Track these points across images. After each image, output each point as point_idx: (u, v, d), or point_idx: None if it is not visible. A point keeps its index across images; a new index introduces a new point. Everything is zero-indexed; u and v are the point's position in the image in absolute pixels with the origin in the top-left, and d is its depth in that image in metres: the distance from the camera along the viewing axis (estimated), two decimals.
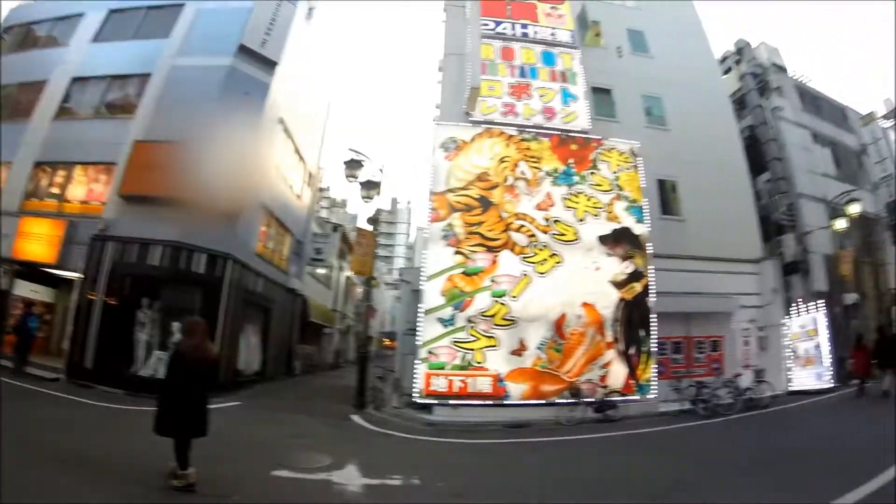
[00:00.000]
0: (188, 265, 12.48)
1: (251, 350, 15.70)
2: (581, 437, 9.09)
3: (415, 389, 10.77)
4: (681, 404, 11.57)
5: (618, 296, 12.22)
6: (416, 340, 11.22)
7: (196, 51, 14.44)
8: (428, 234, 11.94)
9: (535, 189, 12.38)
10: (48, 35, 16.76)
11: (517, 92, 13.77)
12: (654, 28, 17.40)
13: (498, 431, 9.70)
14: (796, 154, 18.22)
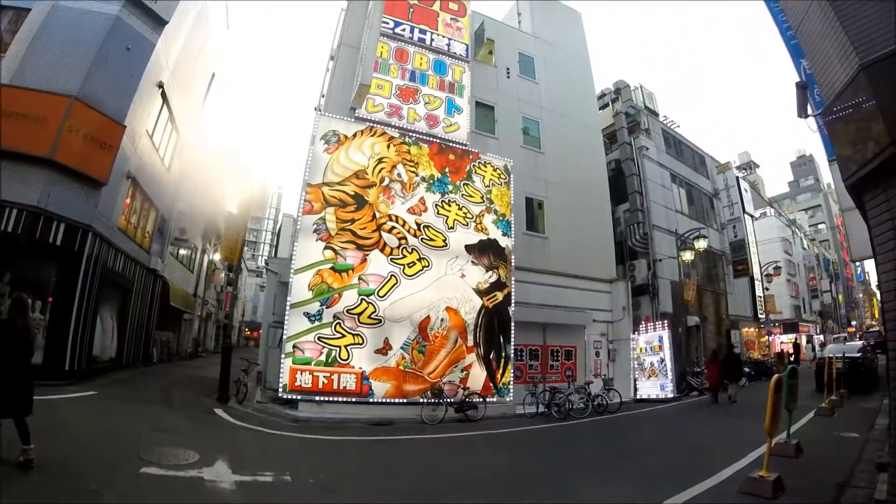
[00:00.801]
0: (45, 234, 11.05)
1: (107, 334, 14.47)
2: (444, 436, 9.39)
3: (280, 384, 10.55)
4: (536, 407, 12.31)
5: (480, 303, 12.79)
6: (282, 334, 11.03)
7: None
8: (299, 226, 11.71)
9: (410, 193, 12.62)
10: None
11: (405, 95, 13.94)
12: (545, 56, 18.54)
13: (362, 429, 9.78)
14: (655, 190, 20.32)
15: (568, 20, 20.35)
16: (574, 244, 16.16)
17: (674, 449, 8.51)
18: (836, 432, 8.48)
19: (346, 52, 14.54)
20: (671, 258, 19.61)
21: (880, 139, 5.98)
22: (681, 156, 23.96)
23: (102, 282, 13.12)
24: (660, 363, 16.18)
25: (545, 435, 10.08)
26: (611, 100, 22.54)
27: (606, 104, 22.57)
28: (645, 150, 20.36)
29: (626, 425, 11.67)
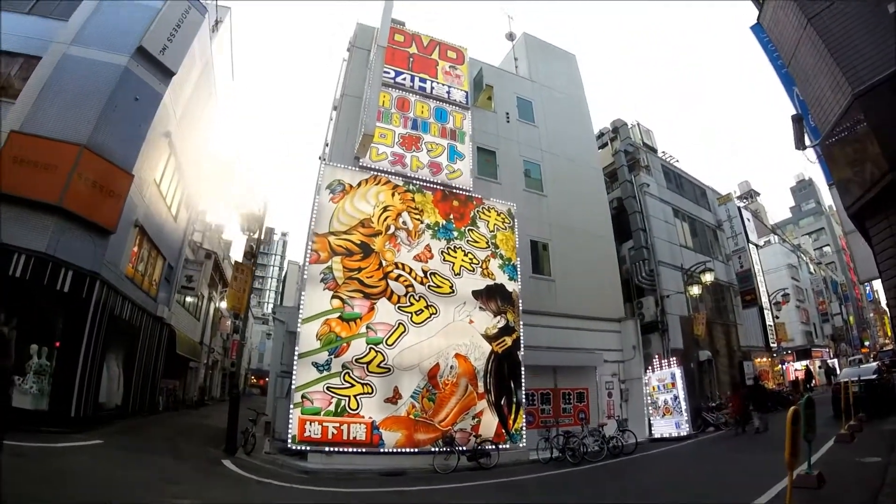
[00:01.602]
0: (53, 281, 11.03)
1: (113, 382, 14.33)
2: (457, 486, 9.16)
3: (288, 435, 10.35)
4: (550, 452, 12.03)
5: (490, 348, 12.64)
6: (290, 383, 10.87)
7: (93, 42, 13.23)
8: (306, 276, 11.70)
9: (416, 240, 12.66)
10: None
11: (407, 143, 14.17)
12: (542, 99, 18.93)
13: (374, 480, 9.56)
14: (658, 226, 20.34)
15: (563, 63, 20.91)
16: (581, 285, 16.09)
17: (694, 488, 8.27)
18: (858, 458, 8.28)
19: (349, 101, 14.89)
20: (679, 293, 19.44)
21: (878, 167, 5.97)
22: (682, 190, 24.11)
23: (109, 329, 13.05)
24: (673, 400, 15.85)
25: (561, 481, 9.78)
26: (609, 139, 22.90)
27: (605, 143, 22.91)
28: (646, 186, 20.50)
29: (643, 467, 11.35)
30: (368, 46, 15.80)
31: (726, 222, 25.91)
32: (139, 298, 15.59)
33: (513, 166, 16.78)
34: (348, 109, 14.69)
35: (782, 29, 8.42)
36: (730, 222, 25.94)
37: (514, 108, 17.95)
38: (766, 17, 9.20)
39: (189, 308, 23.09)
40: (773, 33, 9.30)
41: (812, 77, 7.52)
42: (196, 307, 24.51)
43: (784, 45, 8.58)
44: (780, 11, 8.21)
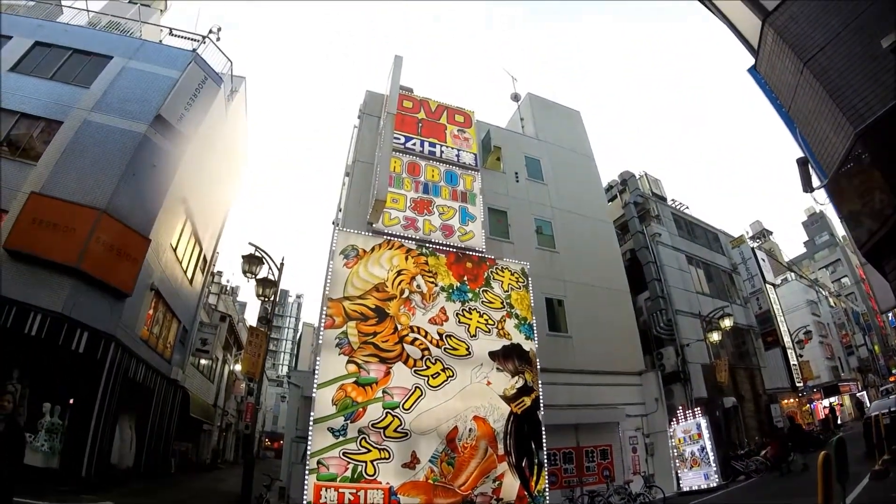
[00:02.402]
0: (69, 341, 11.18)
1: (126, 443, 14.28)
2: None
3: (304, 501, 10.08)
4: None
5: (509, 409, 12.42)
6: (306, 449, 10.70)
7: (113, 109, 13.90)
8: (321, 341, 11.72)
9: (430, 303, 12.71)
10: None
11: (419, 207, 14.45)
12: (550, 157, 19.31)
13: None
14: (673, 275, 20.26)
15: (568, 120, 21.46)
16: (598, 340, 15.93)
17: None
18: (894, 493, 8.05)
19: (361, 167, 15.29)
20: (699, 341, 19.12)
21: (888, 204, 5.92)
22: (694, 236, 24.12)
23: (123, 390, 13.07)
24: (701, 451, 15.30)
25: None
26: (618, 191, 23.15)
27: (615, 196, 23.16)
28: (658, 236, 20.55)
29: None
30: (378, 113, 16.37)
31: (741, 264, 25.71)
32: (153, 360, 15.70)
33: (524, 225, 16.96)
34: (360, 175, 15.08)
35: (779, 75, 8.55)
36: (745, 264, 25.74)
37: (523, 168, 18.31)
38: (762, 64, 9.34)
39: (203, 370, 23.12)
40: (770, 79, 9.44)
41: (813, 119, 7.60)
42: (210, 369, 24.52)
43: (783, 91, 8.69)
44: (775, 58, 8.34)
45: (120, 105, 14.08)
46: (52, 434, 10.69)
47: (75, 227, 11.61)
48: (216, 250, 22.15)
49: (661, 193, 24.10)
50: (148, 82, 14.80)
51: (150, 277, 14.62)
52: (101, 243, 11.85)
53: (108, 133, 13.47)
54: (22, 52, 14.97)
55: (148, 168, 13.73)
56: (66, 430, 10.97)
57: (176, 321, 17.93)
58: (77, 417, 11.21)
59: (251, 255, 13.29)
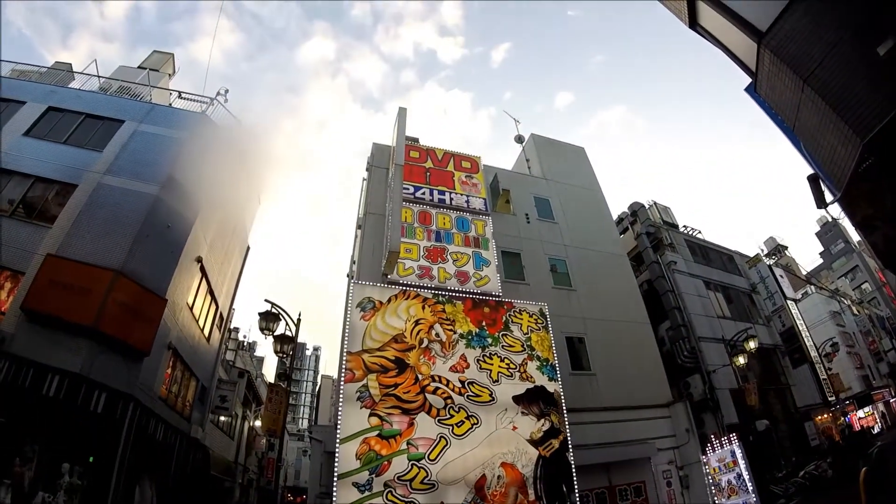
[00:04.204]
0: (87, 401, 11.18)
1: (146, 502, 14.14)
2: None
3: None
4: None
5: (537, 453, 12.21)
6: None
7: (125, 172, 14.20)
8: (342, 395, 11.64)
9: (450, 352, 12.70)
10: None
11: (433, 255, 14.59)
12: (559, 196, 19.50)
13: None
14: (692, 301, 20.08)
15: (573, 157, 21.77)
16: (623, 375, 15.71)
17: None
18: None
19: (373, 219, 15.52)
20: (725, 366, 18.79)
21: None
22: (709, 260, 23.97)
23: (142, 449, 12.95)
24: (737, 479, 14.73)
25: None
26: (629, 223, 23.22)
27: (626, 228, 23.24)
28: (673, 264, 20.47)
29: None
30: (386, 164, 16.70)
31: (760, 283, 25.45)
32: (173, 419, 15.62)
33: (538, 265, 16.99)
34: (372, 227, 15.30)
35: (780, 95, 8.51)
36: (763, 283, 25.48)
37: (533, 209, 18.49)
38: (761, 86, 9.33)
39: (223, 427, 22.96)
40: (771, 100, 9.43)
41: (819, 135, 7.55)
42: (230, 426, 24.32)
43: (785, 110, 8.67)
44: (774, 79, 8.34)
45: (132, 167, 14.42)
46: (72, 494, 10.57)
47: (91, 288, 11.75)
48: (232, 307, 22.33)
49: (671, 221, 24.12)
50: (159, 144, 15.21)
51: (168, 336, 14.72)
52: (117, 304, 11.97)
53: (122, 195, 13.77)
54: (35, 116, 15.43)
55: (162, 229, 13.97)
56: (86, 490, 10.89)
57: (194, 379, 17.95)
58: (96, 477, 11.11)
59: (268, 312, 13.34)
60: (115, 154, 14.70)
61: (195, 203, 15.42)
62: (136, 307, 12.48)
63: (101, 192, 13.74)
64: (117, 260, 12.52)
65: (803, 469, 17.77)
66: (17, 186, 13.87)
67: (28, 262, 12.30)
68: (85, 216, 13.19)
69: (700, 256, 23.40)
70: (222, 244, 18.93)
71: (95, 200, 13.53)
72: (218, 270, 18.78)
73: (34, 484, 10.39)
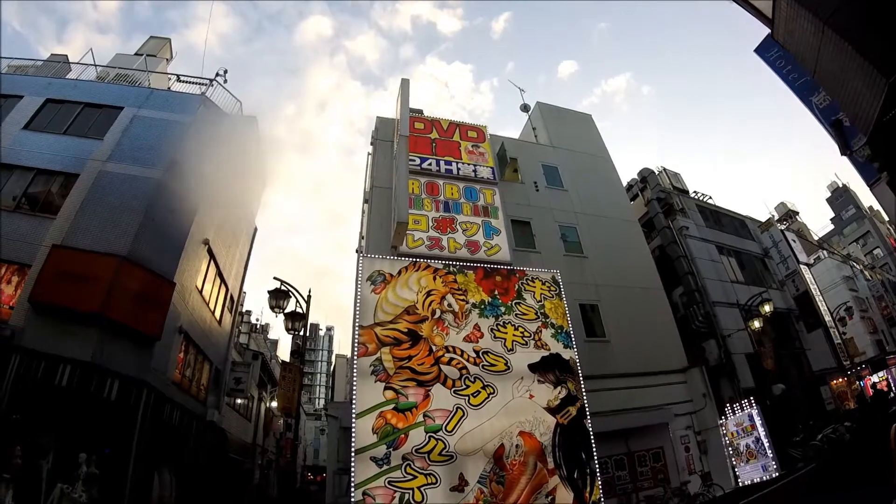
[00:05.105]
0: (100, 390, 11.25)
1: (165, 487, 14.25)
2: None
3: None
4: None
5: (554, 421, 12.09)
6: (349, 481, 10.49)
7: (127, 158, 14.12)
8: (356, 370, 11.48)
9: (463, 322, 12.53)
10: None
11: (442, 226, 14.42)
12: (567, 163, 19.22)
13: None
14: (705, 266, 19.83)
15: (580, 124, 21.45)
16: (637, 341, 15.58)
17: None
18: None
19: (379, 192, 15.33)
20: (740, 331, 18.61)
21: None
22: (721, 225, 23.67)
23: (159, 435, 13.02)
24: (756, 443, 14.68)
25: None
26: (639, 189, 22.88)
27: (636, 195, 22.89)
28: (685, 229, 20.20)
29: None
30: (391, 138, 16.47)
31: (772, 248, 25.11)
32: (188, 403, 15.66)
33: (549, 233, 16.82)
34: (379, 200, 15.13)
35: (799, 39, 8.20)
36: (776, 247, 25.13)
37: (542, 177, 18.27)
38: (779, 32, 9.00)
39: (239, 410, 23.13)
40: (790, 46, 9.10)
41: (842, 78, 7.28)
42: (247, 408, 24.53)
43: (805, 56, 8.37)
44: (792, 23, 8.02)
45: (134, 153, 14.34)
46: (90, 484, 10.59)
47: (98, 276, 11.71)
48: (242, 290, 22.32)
49: (682, 187, 23.76)
50: (159, 129, 15.10)
51: (178, 320, 14.67)
52: (125, 290, 11.93)
53: (125, 181, 13.70)
54: (34, 110, 15.35)
55: (167, 213, 13.85)
56: (104, 479, 10.94)
57: (208, 363, 17.99)
58: (114, 466, 11.12)
59: (277, 290, 13.23)
60: (115, 141, 14.59)
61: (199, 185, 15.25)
62: (145, 292, 12.44)
63: (103, 179, 13.65)
64: (123, 246, 12.46)
65: (821, 433, 17.66)
66: (18, 180, 13.82)
67: (34, 254, 12.29)
68: (88, 205, 13.13)
69: (712, 221, 23.09)
70: (229, 226, 18.82)
71: (98, 188, 13.45)
72: (226, 253, 18.70)
73: (52, 476, 10.31)
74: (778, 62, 11.01)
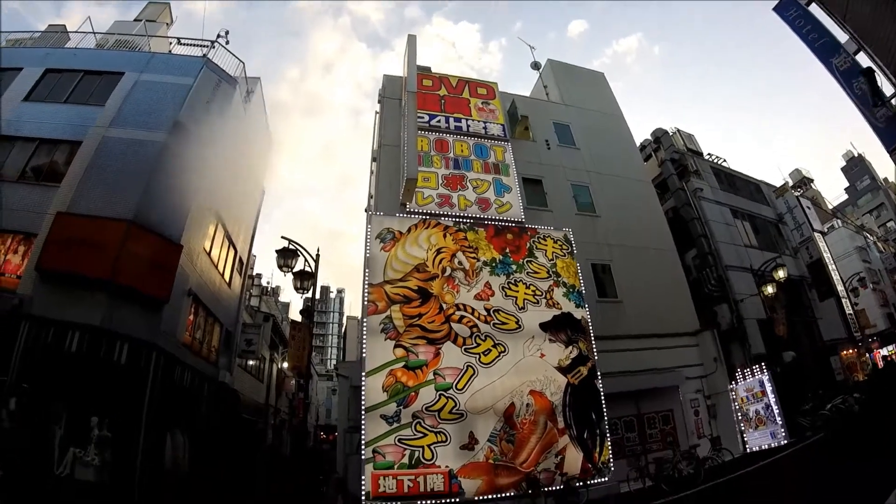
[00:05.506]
0: (110, 354, 11.29)
1: (178, 449, 14.40)
2: None
3: (362, 491, 9.92)
4: (643, 483, 11.41)
5: (565, 381, 12.03)
6: (360, 439, 10.55)
7: (130, 123, 13.98)
8: (366, 327, 11.39)
9: (474, 280, 12.36)
10: None
11: (452, 183, 14.11)
12: (579, 122, 18.75)
13: None
14: (719, 229, 19.47)
15: (593, 82, 20.88)
16: (649, 303, 15.36)
17: None
18: None
19: (388, 151, 15.04)
20: (753, 296, 18.35)
21: None
22: (736, 189, 23.17)
23: (170, 396, 13.09)
24: (766, 409, 14.57)
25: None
26: (653, 150, 22.38)
27: (649, 155, 22.38)
28: (699, 191, 19.77)
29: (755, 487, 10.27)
30: (398, 96, 16.07)
31: (787, 214, 24.62)
32: (199, 365, 15.75)
33: (561, 192, 16.51)
34: (388, 158, 14.83)
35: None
36: (791, 213, 24.65)
37: (553, 135, 17.84)
38: None
39: (251, 371, 23.35)
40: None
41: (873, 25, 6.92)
42: (259, 369, 24.76)
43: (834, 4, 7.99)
44: None
45: (137, 118, 14.17)
46: (103, 447, 10.66)
47: (105, 242, 11.68)
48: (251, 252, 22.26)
49: (696, 148, 23.18)
50: (162, 92, 14.86)
51: (187, 283, 14.61)
52: (132, 254, 11.88)
53: (128, 146, 13.55)
54: (34, 81, 15.17)
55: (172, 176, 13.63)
56: (116, 442, 10.98)
57: (218, 325, 18.02)
58: (126, 429, 11.16)
59: (285, 249, 13.05)
60: (117, 106, 14.41)
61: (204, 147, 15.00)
62: (152, 256, 12.38)
63: (106, 145, 13.52)
64: (129, 211, 12.36)
65: (830, 403, 17.53)
66: (21, 152, 13.71)
67: (39, 223, 12.21)
68: (93, 171, 13.03)
69: (726, 184, 22.61)
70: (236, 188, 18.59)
71: (102, 154, 13.33)
72: (234, 215, 18.55)
73: (64, 441, 10.37)
74: (797, 21, 10.61)
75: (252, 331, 20.99)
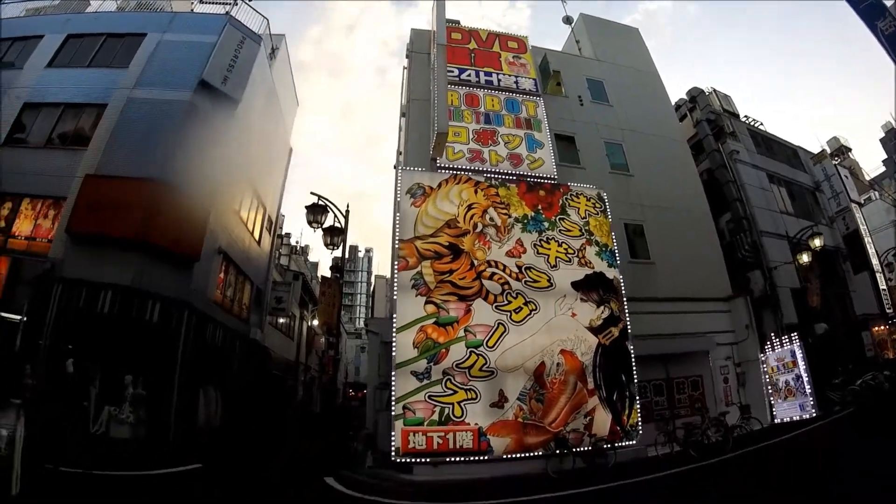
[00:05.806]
0: (142, 313, 11.50)
1: (211, 405, 14.69)
2: (577, 492, 8.41)
3: (392, 447, 10.01)
4: (671, 448, 11.29)
5: (596, 341, 11.86)
6: (390, 395, 10.56)
7: (154, 83, 14.01)
8: (397, 284, 11.33)
9: (506, 236, 12.15)
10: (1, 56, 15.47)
11: (483, 138, 13.79)
12: (613, 78, 18.17)
13: (488, 487, 9.01)
14: (755, 194, 18.83)
15: (627, 38, 20.17)
16: (682, 265, 15.01)
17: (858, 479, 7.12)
18: None
19: (417, 105, 14.84)
20: (787, 264, 17.81)
21: None
22: (772, 153, 22.28)
23: (202, 354, 13.34)
24: (796, 381, 14.27)
25: (695, 481, 8.87)
26: (688, 109, 21.58)
27: (684, 115, 21.58)
28: (735, 154, 19.05)
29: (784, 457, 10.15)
30: (427, 50, 15.74)
31: (824, 182, 23.72)
32: (230, 322, 15.99)
33: (594, 149, 16.08)
34: (417, 113, 14.62)
35: None
36: (828, 181, 23.72)
37: (586, 91, 17.36)
38: None
39: (282, 328, 23.68)
40: None
41: None
42: (289, 327, 25.13)
43: None
44: None
45: (161, 78, 14.15)
46: (137, 405, 10.81)
47: (134, 202, 11.78)
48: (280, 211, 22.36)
49: (732, 110, 22.31)
50: (186, 51, 14.78)
51: (217, 241, 14.74)
52: (161, 214, 11.97)
53: (154, 106, 13.57)
54: (56, 47, 15.21)
55: (200, 135, 13.67)
56: (150, 399, 11.11)
57: (248, 283, 18.21)
58: (160, 386, 11.41)
59: (314, 205, 12.97)
60: (141, 68, 14.43)
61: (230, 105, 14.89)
62: (181, 215, 12.43)
63: (132, 106, 13.57)
64: (156, 171, 12.41)
65: (860, 378, 17.09)
66: (46, 118, 13.83)
67: (68, 187, 12.32)
68: (119, 133, 13.08)
69: (763, 148, 21.73)
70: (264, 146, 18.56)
71: (128, 115, 13.39)
72: (262, 174, 18.55)
73: (100, 400, 10.64)
74: None
75: (282, 288, 21.19)
